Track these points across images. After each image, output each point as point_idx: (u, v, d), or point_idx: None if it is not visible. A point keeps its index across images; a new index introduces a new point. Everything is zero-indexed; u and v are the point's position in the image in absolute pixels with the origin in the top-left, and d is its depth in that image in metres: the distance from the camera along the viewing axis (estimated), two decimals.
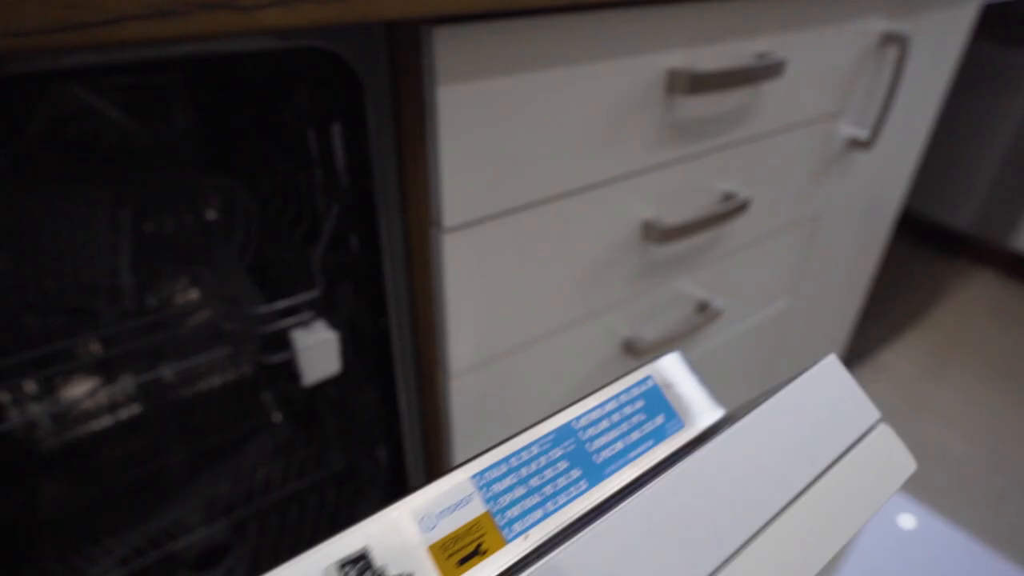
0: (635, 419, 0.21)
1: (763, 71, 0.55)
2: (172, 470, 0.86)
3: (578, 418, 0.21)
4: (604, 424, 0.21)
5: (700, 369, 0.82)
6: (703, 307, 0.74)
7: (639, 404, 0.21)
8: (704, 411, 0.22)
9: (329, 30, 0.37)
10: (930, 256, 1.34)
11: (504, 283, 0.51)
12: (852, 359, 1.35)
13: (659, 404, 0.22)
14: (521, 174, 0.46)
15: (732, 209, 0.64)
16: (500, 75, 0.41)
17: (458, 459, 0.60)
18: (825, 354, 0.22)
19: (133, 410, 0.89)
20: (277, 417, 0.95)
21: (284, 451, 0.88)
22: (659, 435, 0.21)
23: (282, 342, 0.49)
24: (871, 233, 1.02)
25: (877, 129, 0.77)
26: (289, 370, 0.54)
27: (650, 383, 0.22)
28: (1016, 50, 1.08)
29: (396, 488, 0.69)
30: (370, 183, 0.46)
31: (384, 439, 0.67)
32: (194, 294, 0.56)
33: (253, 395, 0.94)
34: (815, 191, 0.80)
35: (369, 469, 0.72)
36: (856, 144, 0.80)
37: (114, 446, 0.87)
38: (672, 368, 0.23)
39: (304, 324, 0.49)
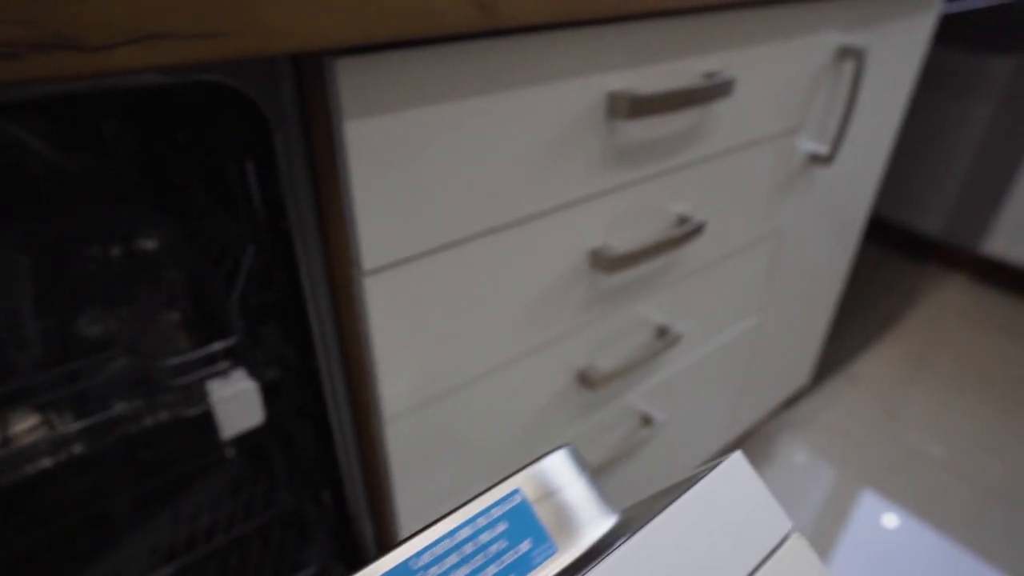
0: (493, 548, 0.17)
1: (711, 91, 0.53)
2: (117, 512, 0.82)
3: (419, 554, 0.17)
4: (452, 559, 0.17)
5: (666, 393, 0.80)
6: (663, 332, 0.72)
7: (500, 528, 0.18)
8: (590, 523, 0.19)
9: (215, 65, 0.34)
10: (901, 261, 1.33)
11: (439, 322, 0.48)
12: (826, 370, 1.33)
13: (527, 525, 0.18)
14: (449, 209, 0.43)
15: (687, 233, 0.61)
16: (417, 106, 0.38)
17: (401, 502, 0.57)
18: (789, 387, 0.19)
19: (77, 449, 0.84)
20: (230, 452, 0.91)
21: (234, 489, 0.84)
22: (522, 567, 0.18)
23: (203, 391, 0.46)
24: (839, 245, 1.00)
25: (837, 144, 0.75)
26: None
27: (517, 499, 0.19)
28: (981, 56, 1.08)
29: (342, 531, 0.66)
30: (286, 223, 0.43)
31: (326, 482, 0.63)
32: (110, 340, 0.52)
33: (205, 429, 0.90)
34: (777, 208, 0.78)
35: (315, 512, 0.68)
36: (817, 159, 0.78)
37: (55, 488, 0.82)
38: (554, 471, 0.20)
39: (222, 373, 0.45)
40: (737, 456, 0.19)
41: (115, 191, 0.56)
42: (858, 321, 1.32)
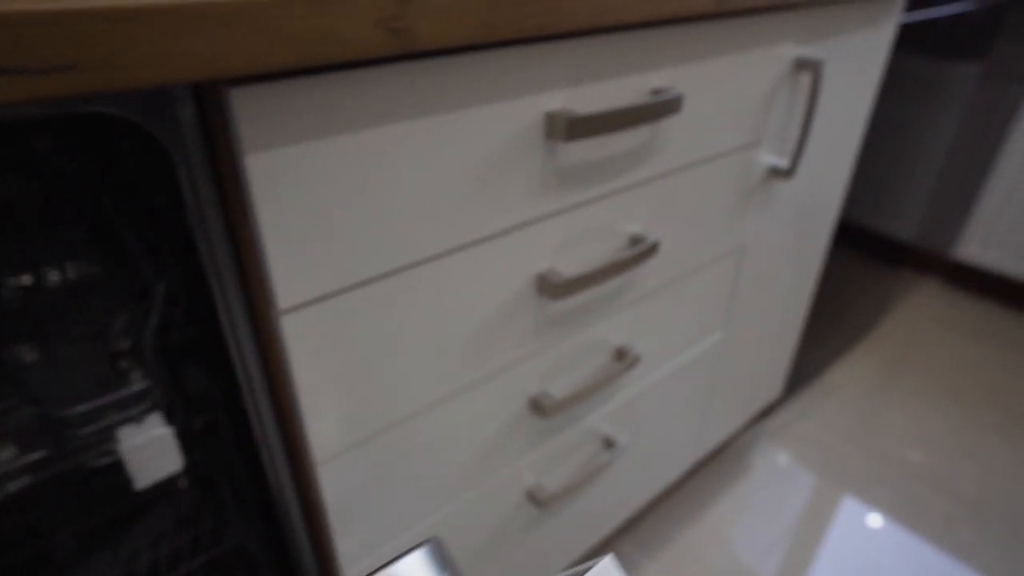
0: None
1: (657, 108, 0.51)
2: (59, 552, 0.78)
3: None
4: None
5: (628, 414, 0.77)
6: (622, 354, 0.70)
7: None
8: None
9: (98, 95, 0.31)
10: (875, 267, 1.32)
11: (372, 358, 0.46)
12: (800, 379, 1.32)
13: None
14: (372, 242, 0.41)
15: (640, 253, 0.59)
16: (328, 136, 0.36)
17: (341, 543, 0.54)
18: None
19: (23, 482, 0.80)
20: (183, 483, 0.87)
21: (184, 523, 0.80)
22: None
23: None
24: (805, 256, 0.99)
25: (797, 157, 0.74)
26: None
27: None
28: (948, 63, 1.07)
29: (287, 571, 0.63)
30: (197, 259, 0.40)
31: (268, 521, 0.60)
32: (12, 384, 0.48)
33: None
34: (739, 223, 0.76)
35: (258, 550, 0.65)
36: (778, 173, 0.76)
37: None
38: (412, 573, 0.17)
39: (135, 419, 0.42)
40: (607, 561, 0.17)
41: (15, 222, 0.53)
42: (832, 329, 1.31)
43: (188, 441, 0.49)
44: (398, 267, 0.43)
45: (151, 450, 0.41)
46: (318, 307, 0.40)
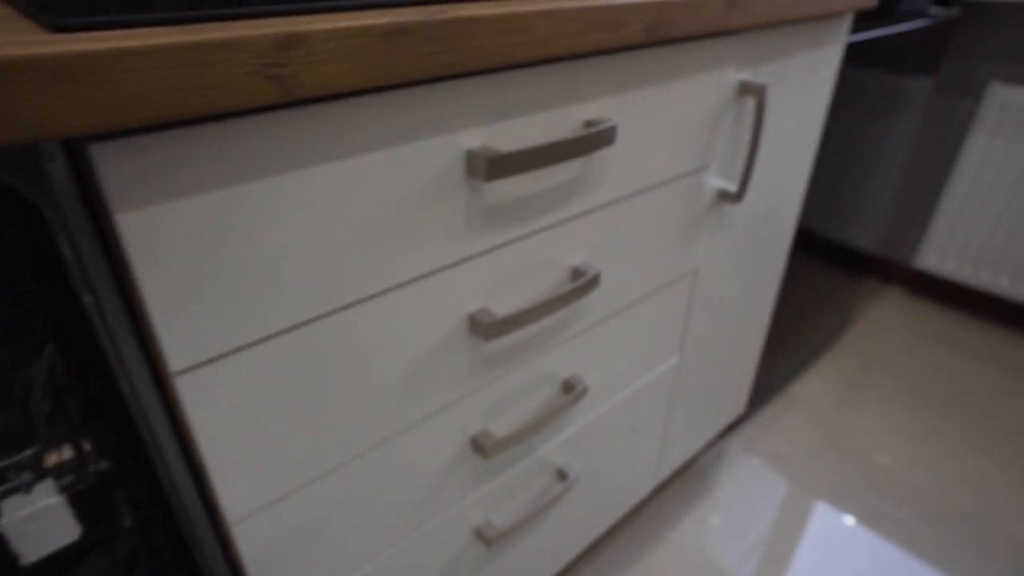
0: None
1: (588, 141, 0.49)
2: None
3: None
4: None
5: (581, 444, 0.75)
6: (569, 387, 0.68)
7: None
8: None
9: None
10: (838, 277, 1.32)
11: (287, 412, 0.43)
12: (764, 394, 1.32)
13: None
14: (273, 297, 0.38)
15: (580, 287, 0.57)
16: (213, 189, 0.33)
17: None
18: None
19: None
20: (128, 523, 0.83)
21: (127, 567, 0.76)
22: None
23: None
24: (763, 274, 0.98)
25: (745, 182, 0.73)
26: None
27: None
28: (902, 77, 1.08)
29: None
30: (84, 319, 0.37)
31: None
32: None
33: (105, 495, 0.82)
34: (690, 247, 0.75)
35: None
36: (727, 197, 0.75)
37: None
38: None
39: (22, 489, 0.39)
40: None
41: None
42: (797, 340, 1.31)
43: (89, 504, 0.46)
44: (304, 320, 0.40)
45: (40, 522, 0.38)
46: (217, 366, 0.38)
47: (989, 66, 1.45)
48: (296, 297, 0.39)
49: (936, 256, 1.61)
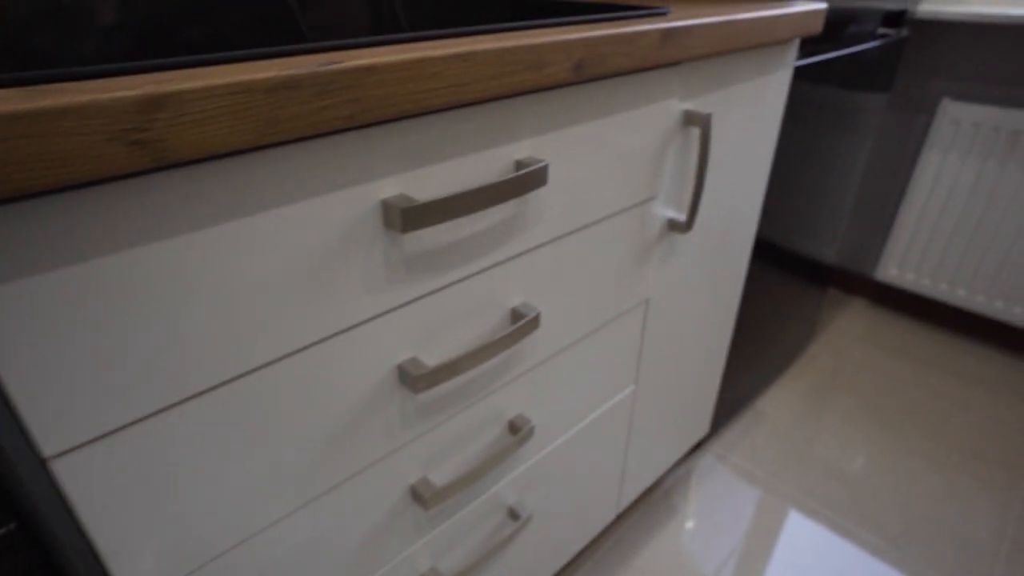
0: None
1: (516, 183, 0.47)
2: None
3: None
4: None
5: (534, 481, 0.73)
6: (516, 427, 0.65)
7: None
8: None
9: None
10: (803, 289, 1.32)
11: (193, 484, 0.40)
12: (727, 413, 1.31)
13: None
14: (160, 369, 0.35)
15: (518, 330, 0.55)
16: (79, 261, 0.30)
17: None
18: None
19: None
20: None
21: None
22: None
23: None
24: (720, 296, 0.97)
25: (694, 210, 0.71)
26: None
27: None
28: (857, 94, 1.08)
29: None
30: None
31: None
32: None
33: None
34: (640, 278, 0.73)
35: None
36: (676, 226, 0.74)
37: None
38: None
39: None
40: None
41: None
42: (762, 356, 1.31)
43: None
44: (200, 390, 0.37)
45: None
46: (96, 448, 0.34)
47: (941, 83, 1.47)
48: (190, 368, 0.36)
49: (896, 268, 1.62)
